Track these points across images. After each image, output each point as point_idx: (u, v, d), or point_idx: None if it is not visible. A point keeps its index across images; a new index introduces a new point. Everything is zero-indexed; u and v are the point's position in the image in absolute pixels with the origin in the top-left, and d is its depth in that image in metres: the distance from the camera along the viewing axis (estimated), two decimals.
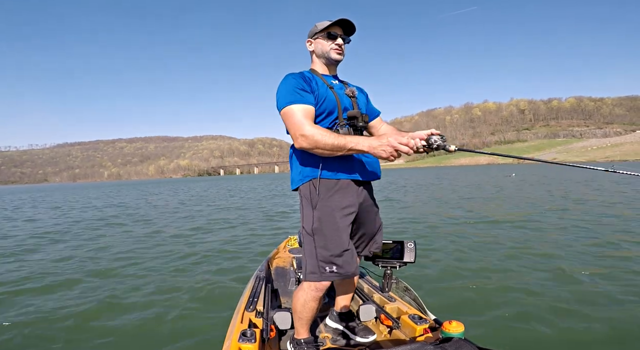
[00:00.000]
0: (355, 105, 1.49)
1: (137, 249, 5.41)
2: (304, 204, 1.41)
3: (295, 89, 1.34)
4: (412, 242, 1.72)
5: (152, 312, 2.89)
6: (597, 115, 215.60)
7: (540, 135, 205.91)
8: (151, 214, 10.86)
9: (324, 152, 1.29)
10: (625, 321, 2.46)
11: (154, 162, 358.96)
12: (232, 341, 1.40)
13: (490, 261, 4.10)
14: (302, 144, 1.29)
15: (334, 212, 1.36)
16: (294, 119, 1.31)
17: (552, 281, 3.33)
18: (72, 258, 4.98)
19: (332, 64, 1.54)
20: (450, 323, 1.24)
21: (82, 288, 3.59)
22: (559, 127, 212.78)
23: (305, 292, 1.41)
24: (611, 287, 3.10)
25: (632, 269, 3.57)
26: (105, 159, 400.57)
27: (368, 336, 1.58)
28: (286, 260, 2.81)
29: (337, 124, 1.40)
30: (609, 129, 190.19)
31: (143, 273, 4.06)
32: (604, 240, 4.87)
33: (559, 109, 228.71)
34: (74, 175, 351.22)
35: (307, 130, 1.28)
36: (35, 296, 3.39)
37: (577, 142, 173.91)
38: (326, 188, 1.38)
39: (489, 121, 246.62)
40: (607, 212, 7.53)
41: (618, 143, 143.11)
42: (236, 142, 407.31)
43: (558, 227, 6.13)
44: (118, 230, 7.67)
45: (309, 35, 1.52)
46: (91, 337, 2.51)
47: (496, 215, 7.70)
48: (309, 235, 1.38)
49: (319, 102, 1.38)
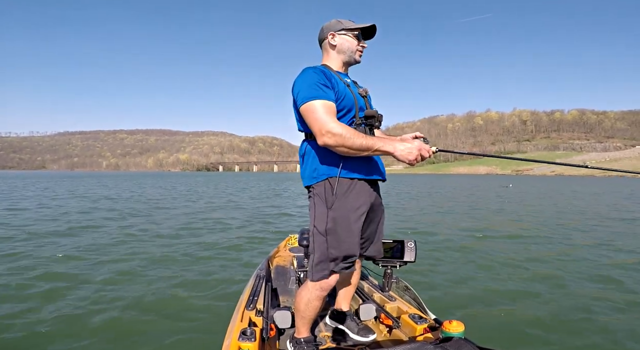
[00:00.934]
0: (367, 105, 1.47)
1: (136, 247, 5.38)
2: (317, 203, 1.39)
3: (317, 83, 1.30)
4: (413, 242, 1.69)
5: (151, 310, 2.87)
6: (598, 128, 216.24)
7: (540, 147, 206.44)
8: (150, 210, 10.82)
9: (349, 151, 1.26)
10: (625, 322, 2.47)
11: (154, 155, 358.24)
12: (232, 340, 1.40)
13: (491, 262, 4.14)
14: (328, 142, 1.25)
15: (349, 214, 1.34)
16: (316, 114, 1.26)
17: (552, 282, 3.38)
18: (75, 256, 4.95)
19: (349, 64, 1.51)
20: (451, 323, 1.24)
21: (81, 285, 3.54)
22: (559, 140, 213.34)
23: (310, 291, 1.41)
24: (617, 294, 3.14)
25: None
26: (104, 149, 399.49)
27: (368, 335, 1.57)
28: (286, 259, 2.80)
29: (354, 122, 1.38)
30: (609, 143, 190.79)
31: (141, 270, 4.02)
32: (605, 242, 5.03)
33: (560, 121, 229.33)
34: (72, 164, 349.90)
35: (333, 127, 1.24)
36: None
37: (577, 155, 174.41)
38: (342, 188, 1.35)
39: (490, 131, 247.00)
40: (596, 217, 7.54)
41: (617, 158, 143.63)
42: (237, 139, 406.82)
43: (558, 232, 6.23)
44: (114, 225, 7.62)
45: (331, 28, 1.46)
46: (88, 335, 2.47)
47: (499, 221, 7.77)
48: (322, 235, 1.35)
49: (339, 99, 1.35)
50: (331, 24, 1.47)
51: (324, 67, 1.44)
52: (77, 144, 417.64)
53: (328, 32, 1.47)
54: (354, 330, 1.60)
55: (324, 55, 1.52)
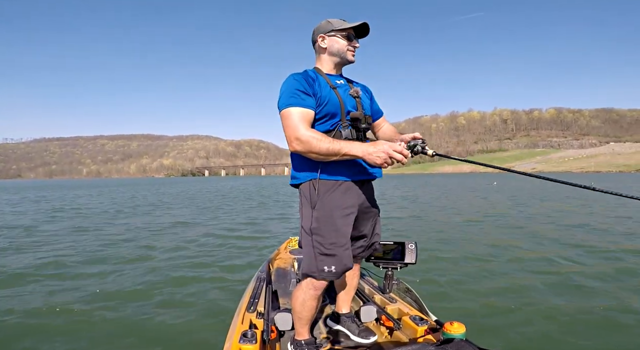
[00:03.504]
0: (359, 106, 1.45)
1: (135, 247, 5.27)
2: (303, 203, 1.41)
3: (296, 91, 1.32)
4: (413, 243, 1.68)
5: (151, 313, 2.82)
6: (574, 126, 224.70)
7: (521, 145, 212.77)
8: (152, 209, 10.62)
9: (318, 156, 1.28)
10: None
11: (136, 161, 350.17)
12: (232, 342, 1.40)
13: (492, 263, 4.17)
14: (296, 148, 1.29)
15: (332, 212, 1.35)
16: (289, 121, 1.29)
17: (552, 282, 3.40)
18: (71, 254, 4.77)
19: (342, 64, 1.51)
20: (452, 324, 1.23)
21: (80, 285, 3.48)
22: (538, 137, 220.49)
23: (304, 291, 1.41)
24: (619, 292, 3.14)
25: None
26: (85, 156, 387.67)
27: (369, 337, 1.58)
28: (287, 261, 2.77)
29: (340, 125, 1.38)
30: (585, 140, 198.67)
31: (142, 272, 3.96)
32: (601, 246, 5.00)
33: (539, 120, 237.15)
34: (50, 172, 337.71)
35: (301, 134, 1.26)
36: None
37: (555, 152, 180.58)
38: (326, 188, 1.37)
39: (473, 130, 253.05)
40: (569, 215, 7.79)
41: (593, 154, 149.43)
42: (222, 143, 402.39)
43: (555, 229, 6.32)
44: (120, 226, 7.41)
45: (321, 30, 1.46)
46: (87, 335, 2.43)
47: (498, 221, 7.83)
48: (308, 235, 1.38)
49: (322, 105, 1.35)
50: (321, 25, 1.47)
51: (311, 71, 1.44)
52: (55, 151, 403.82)
53: (318, 35, 1.46)
54: (354, 332, 1.61)
55: (316, 57, 1.51)
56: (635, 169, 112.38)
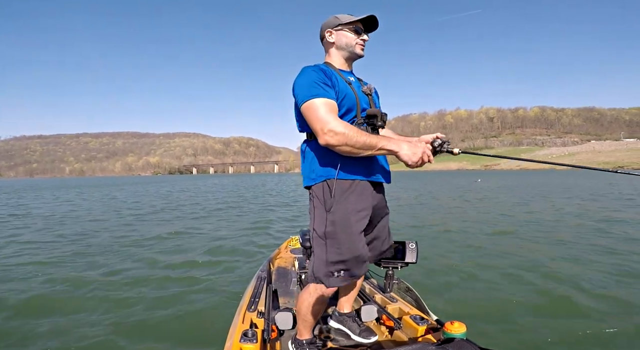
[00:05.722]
0: (372, 103, 1.43)
1: (135, 248, 5.21)
2: (316, 205, 1.36)
3: (317, 82, 1.27)
4: (414, 243, 1.69)
5: (152, 312, 2.80)
6: (558, 124, 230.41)
7: (506, 143, 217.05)
8: (153, 210, 10.49)
9: (352, 150, 1.22)
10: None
11: (122, 159, 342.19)
12: (233, 341, 1.40)
13: (492, 263, 4.16)
14: (330, 141, 1.21)
15: (349, 216, 1.30)
16: (317, 113, 1.23)
17: (552, 283, 3.39)
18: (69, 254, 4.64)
19: (352, 59, 1.48)
20: (452, 323, 1.23)
21: (80, 285, 3.45)
22: (523, 135, 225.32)
23: (312, 295, 1.38)
24: (621, 292, 3.13)
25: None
26: (67, 154, 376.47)
27: (369, 337, 1.58)
28: (288, 261, 2.77)
29: (355, 122, 1.34)
30: (568, 139, 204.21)
31: (142, 272, 3.92)
32: (603, 245, 5.00)
33: (524, 118, 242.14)
34: (31, 170, 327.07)
35: (336, 125, 1.20)
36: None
37: (540, 150, 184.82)
38: (341, 189, 1.31)
39: (460, 128, 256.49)
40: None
41: (575, 152, 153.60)
42: (210, 140, 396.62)
43: (555, 227, 6.36)
44: (116, 225, 7.23)
45: (328, 25, 1.44)
46: (89, 334, 2.43)
47: (493, 217, 7.96)
48: (321, 239, 1.32)
49: (339, 98, 1.32)
50: (328, 21, 1.45)
51: (324, 65, 1.41)
52: (36, 149, 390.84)
53: (325, 30, 1.45)
54: (355, 331, 1.60)
55: (326, 54, 1.49)
56: (615, 166, 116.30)
